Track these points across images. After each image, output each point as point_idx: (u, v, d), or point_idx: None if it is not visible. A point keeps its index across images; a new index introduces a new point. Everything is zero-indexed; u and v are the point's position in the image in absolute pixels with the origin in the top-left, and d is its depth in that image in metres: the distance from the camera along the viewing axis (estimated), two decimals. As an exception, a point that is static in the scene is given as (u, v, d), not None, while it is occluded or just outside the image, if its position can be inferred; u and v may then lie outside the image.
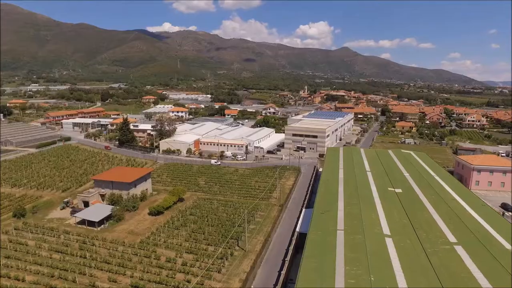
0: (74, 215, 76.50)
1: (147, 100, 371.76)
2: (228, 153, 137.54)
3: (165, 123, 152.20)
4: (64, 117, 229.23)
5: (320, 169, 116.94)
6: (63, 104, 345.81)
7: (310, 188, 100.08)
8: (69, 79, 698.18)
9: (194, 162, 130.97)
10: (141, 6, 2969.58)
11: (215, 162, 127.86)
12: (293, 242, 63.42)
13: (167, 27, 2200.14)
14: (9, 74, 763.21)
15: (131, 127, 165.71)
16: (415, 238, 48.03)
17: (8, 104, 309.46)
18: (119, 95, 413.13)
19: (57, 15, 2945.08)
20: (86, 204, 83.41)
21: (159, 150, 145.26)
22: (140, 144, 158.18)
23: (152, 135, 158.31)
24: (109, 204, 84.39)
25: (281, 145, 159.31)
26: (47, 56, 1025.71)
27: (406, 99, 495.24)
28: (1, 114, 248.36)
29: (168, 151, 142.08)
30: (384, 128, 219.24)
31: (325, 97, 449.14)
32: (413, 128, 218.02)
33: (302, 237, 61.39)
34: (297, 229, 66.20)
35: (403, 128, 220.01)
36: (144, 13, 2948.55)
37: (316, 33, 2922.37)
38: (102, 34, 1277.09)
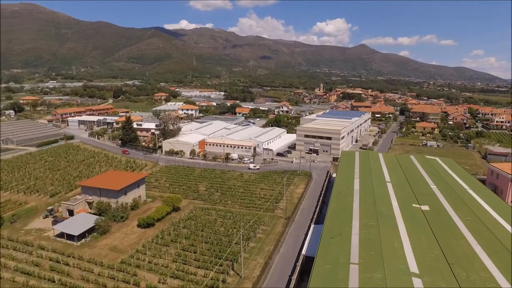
0: (54, 226, 68.39)
1: (159, 97, 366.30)
2: (234, 155, 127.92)
3: (169, 122, 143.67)
4: (72, 114, 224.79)
5: (334, 175, 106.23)
6: (75, 101, 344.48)
7: (321, 197, 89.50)
8: (86, 76, 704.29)
9: (197, 165, 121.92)
10: (159, 4, 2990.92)
11: (254, 166, 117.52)
12: (298, 268, 53.28)
13: (183, 24, 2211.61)
14: (31, 71, 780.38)
15: (135, 125, 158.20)
16: (452, 279, 37.23)
17: (21, 101, 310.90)
18: (132, 92, 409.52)
19: (77, 13, 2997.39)
20: (71, 213, 75.36)
21: (161, 151, 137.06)
22: (143, 144, 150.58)
23: (156, 134, 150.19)
24: (96, 213, 76.18)
25: (292, 147, 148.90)
26: (67, 54, 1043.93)
27: (425, 98, 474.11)
28: (12, 111, 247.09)
29: (171, 152, 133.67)
30: (404, 129, 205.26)
31: (341, 95, 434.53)
32: (435, 129, 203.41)
33: (308, 261, 51.53)
34: (303, 251, 56.18)
35: (424, 129, 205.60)
36: (161, 11, 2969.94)
37: (333, 31, 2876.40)
38: (120, 31, 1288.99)
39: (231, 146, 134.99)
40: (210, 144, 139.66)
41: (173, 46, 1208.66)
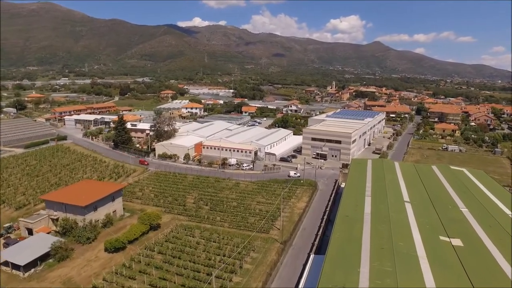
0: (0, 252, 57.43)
1: (165, 95, 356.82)
2: (232, 160, 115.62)
3: (164, 122, 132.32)
4: (72, 112, 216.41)
5: (342, 185, 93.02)
6: (80, 99, 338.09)
7: (327, 213, 76.62)
8: (97, 73, 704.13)
9: (191, 170, 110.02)
10: (173, 1, 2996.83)
11: (294, 174, 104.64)
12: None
13: (197, 22, 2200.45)
14: (46, 68, 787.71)
15: (129, 126, 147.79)
16: None
17: (25, 98, 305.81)
18: (139, 90, 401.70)
19: (92, 11, 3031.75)
20: (30, 232, 64.51)
21: (154, 154, 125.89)
22: (137, 146, 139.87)
23: (150, 136, 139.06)
24: (60, 232, 65.20)
25: (298, 150, 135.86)
26: (81, 51, 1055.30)
27: (442, 97, 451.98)
28: (11, 109, 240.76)
29: (164, 156, 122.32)
30: (421, 131, 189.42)
31: (354, 93, 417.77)
32: (456, 131, 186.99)
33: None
34: (299, 293, 43.74)
35: (443, 131, 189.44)
36: (175, 9, 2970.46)
37: (347, 28, 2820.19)
38: (133, 29, 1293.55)
39: (229, 150, 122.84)
40: (207, 147, 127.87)
41: (186, 43, 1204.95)
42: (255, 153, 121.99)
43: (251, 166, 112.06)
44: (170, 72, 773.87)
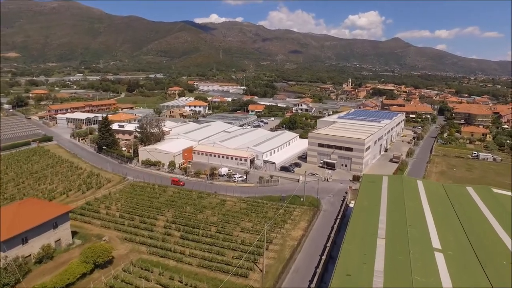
0: None
1: (172, 92, 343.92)
2: (223, 170, 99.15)
3: (151, 123, 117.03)
4: (69, 110, 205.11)
5: (352, 203, 75.68)
6: (86, 95, 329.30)
7: (329, 248, 59.35)
8: (112, 69, 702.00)
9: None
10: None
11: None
12: None
13: (213, 18, 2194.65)
14: (64, 65, 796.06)
15: (116, 127, 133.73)
16: None
17: (30, 95, 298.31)
18: (147, 86, 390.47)
19: (110, 8, 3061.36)
20: None
21: (138, 160, 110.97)
22: (124, 149, 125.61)
23: (135, 139, 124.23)
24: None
25: (304, 157, 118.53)
26: (99, 48, 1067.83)
27: (466, 95, 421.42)
28: (9, 106, 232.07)
29: (148, 163, 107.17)
30: (446, 134, 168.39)
31: (371, 91, 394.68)
32: (487, 136, 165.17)
33: None
34: None
35: (472, 135, 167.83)
36: (192, 6, 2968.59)
37: (366, 24, 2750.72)
38: (149, 25, 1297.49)
39: (222, 157, 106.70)
40: (198, 153, 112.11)
41: (201, 39, 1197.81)
42: (251, 161, 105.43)
43: (244, 177, 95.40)
44: (184, 68, 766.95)
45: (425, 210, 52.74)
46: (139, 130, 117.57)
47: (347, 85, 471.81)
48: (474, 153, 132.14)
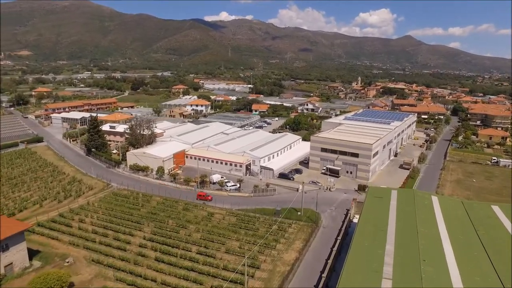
0: None
1: (177, 90, 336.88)
2: (215, 177, 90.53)
3: (142, 125, 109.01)
4: (67, 109, 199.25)
5: (355, 219, 66.50)
6: (90, 93, 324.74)
7: (325, 278, 50.16)
8: (121, 67, 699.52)
9: (162, 189, 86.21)
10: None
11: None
12: None
13: (223, 16, 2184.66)
14: (74, 62, 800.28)
15: (107, 128, 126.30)
16: None
17: (33, 93, 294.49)
18: (152, 84, 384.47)
19: (120, 6, 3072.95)
20: None
21: (126, 165, 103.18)
22: (114, 152, 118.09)
23: (124, 142, 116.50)
24: None
25: (306, 162, 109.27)
26: (109, 46, 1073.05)
27: (481, 94, 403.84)
28: (7, 104, 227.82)
29: (136, 168, 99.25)
30: (461, 137, 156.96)
31: (381, 90, 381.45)
32: (508, 139, 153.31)
33: None
34: None
35: (490, 138, 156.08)
36: (202, 4, 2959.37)
37: (376, 21, 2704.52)
38: (159, 23, 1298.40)
39: (215, 162, 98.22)
40: (190, 157, 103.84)
41: (211, 37, 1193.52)
42: (247, 167, 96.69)
43: (238, 185, 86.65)
44: (193, 66, 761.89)
45: (442, 239, 43.25)
46: (128, 132, 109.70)
47: (357, 84, 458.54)
48: (494, 159, 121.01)
